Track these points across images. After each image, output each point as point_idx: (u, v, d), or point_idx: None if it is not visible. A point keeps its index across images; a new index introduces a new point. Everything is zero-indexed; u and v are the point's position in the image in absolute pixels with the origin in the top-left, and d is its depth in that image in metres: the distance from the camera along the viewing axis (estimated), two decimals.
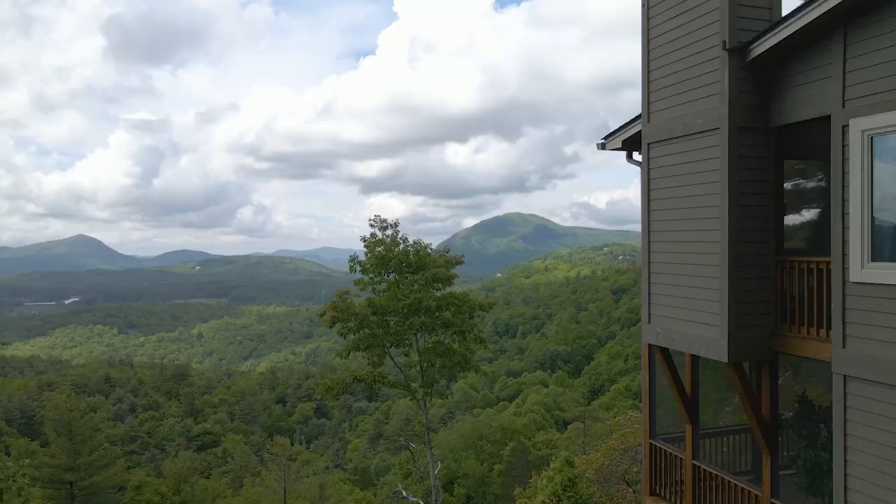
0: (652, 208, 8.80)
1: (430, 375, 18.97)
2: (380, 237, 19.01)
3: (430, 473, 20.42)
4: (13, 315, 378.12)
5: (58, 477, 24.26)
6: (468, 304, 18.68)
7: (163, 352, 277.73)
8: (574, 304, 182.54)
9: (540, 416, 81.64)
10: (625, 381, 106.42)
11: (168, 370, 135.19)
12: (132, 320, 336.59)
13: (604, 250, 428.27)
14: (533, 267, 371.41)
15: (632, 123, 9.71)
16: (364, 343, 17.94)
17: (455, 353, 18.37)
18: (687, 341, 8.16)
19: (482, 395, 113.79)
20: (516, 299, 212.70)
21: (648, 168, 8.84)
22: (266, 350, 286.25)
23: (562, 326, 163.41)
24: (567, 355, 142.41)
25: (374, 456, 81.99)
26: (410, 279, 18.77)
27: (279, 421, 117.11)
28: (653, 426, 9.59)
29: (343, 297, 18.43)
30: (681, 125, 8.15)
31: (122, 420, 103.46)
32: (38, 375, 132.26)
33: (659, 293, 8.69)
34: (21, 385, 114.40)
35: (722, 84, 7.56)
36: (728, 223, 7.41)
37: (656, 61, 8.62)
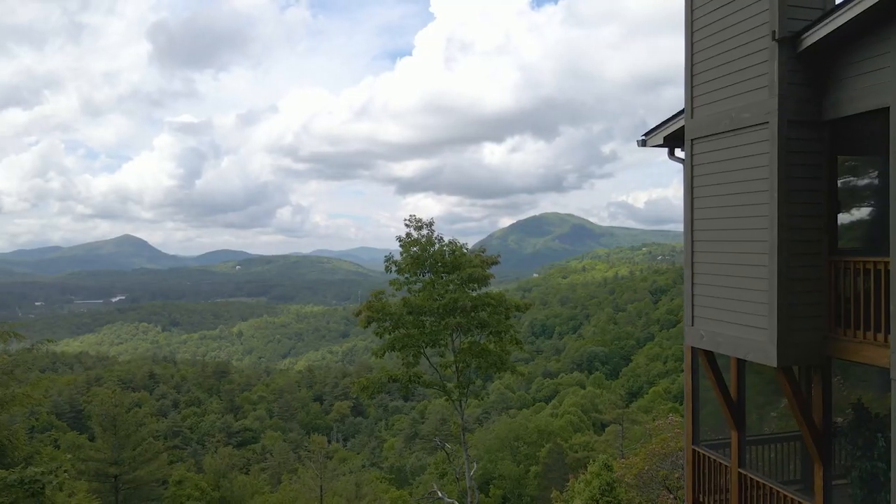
0: (696, 206, 8.48)
1: (466, 376, 18.80)
2: (415, 237, 18.94)
3: (465, 474, 20.26)
4: (64, 312, 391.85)
5: (103, 470, 24.98)
6: (504, 304, 18.46)
7: (204, 349, 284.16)
8: (612, 304, 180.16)
9: (577, 417, 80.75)
10: (664, 384, 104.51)
11: (209, 367, 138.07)
12: (175, 318, 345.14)
13: (642, 250, 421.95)
14: (570, 267, 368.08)
15: (674, 119, 9.39)
16: (399, 343, 17.89)
17: (491, 353, 18.17)
18: (733, 345, 7.83)
19: (518, 396, 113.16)
20: (553, 300, 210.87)
21: (692, 165, 8.52)
22: (304, 348, 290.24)
23: (599, 327, 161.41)
24: (604, 356, 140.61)
25: (410, 455, 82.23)
26: (446, 279, 18.65)
27: (316, 419, 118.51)
28: (696, 432, 9.26)
29: (378, 296, 18.40)
30: (727, 120, 7.83)
31: (166, 415, 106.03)
32: (87, 371, 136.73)
33: (703, 294, 8.36)
34: (70, 380, 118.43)
35: (771, 76, 7.22)
36: (777, 221, 7.06)
37: (701, 54, 8.30)
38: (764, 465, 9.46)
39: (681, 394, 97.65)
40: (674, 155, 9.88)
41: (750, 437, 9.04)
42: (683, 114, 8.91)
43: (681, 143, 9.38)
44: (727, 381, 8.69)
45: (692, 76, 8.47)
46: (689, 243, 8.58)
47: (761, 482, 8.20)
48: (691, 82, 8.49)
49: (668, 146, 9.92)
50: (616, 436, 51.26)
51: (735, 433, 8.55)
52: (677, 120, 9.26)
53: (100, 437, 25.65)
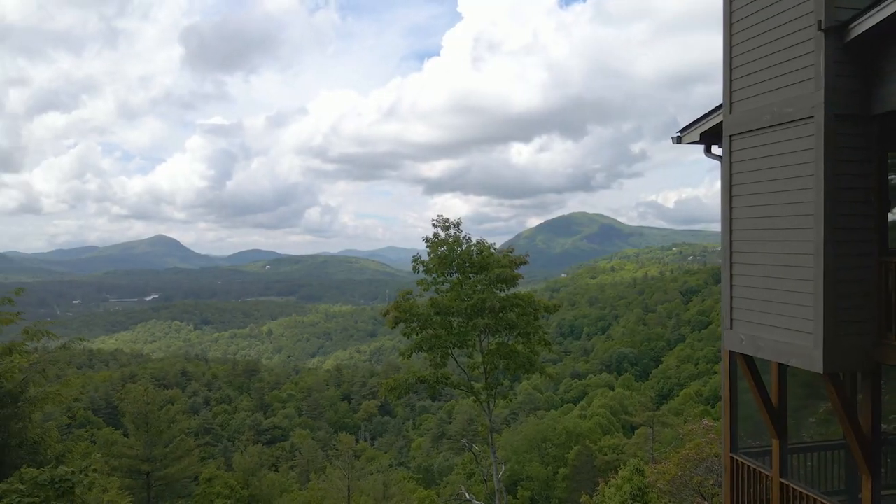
0: (735, 205, 8.14)
1: (494, 377, 18.58)
2: (442, 237, 18.75)
3: (493, 476, 20.06)
4: (100, 311, 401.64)
5: (135, 467, 25.41)
6: (533, 305, 18.17)
7: (235, 348, 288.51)
8: (641, 305, 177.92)
9: (606, 419, 79.88)
10: (695, 386, 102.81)
11: (240, 365, 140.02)
12: (207, 317, 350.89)
13: (672, 250, 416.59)
14: (598, 267, 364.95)
15: (711, 115, 9.05)
16: (427, 344, 17.74)
17: (520, 355, 17.91)
18: (775, 349, 7.48)
19: (546, 397, 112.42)
20: (581, 300, 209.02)
21: (731, 162, 8.19)
22: (332, 348, 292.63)
23: (628, 328, 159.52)
24: (634, 358, 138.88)
25: (438, 455, 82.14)
26: (473, 279, 18.44)
27: (345, 417, 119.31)
28: (734, 439, 8.91)
29: (406, 297, 18.27)
30: (768, 114, 7.49)
31: (197, 412, 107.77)
32: (122, 368, 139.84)
33: (743, 296, 8.03)
34: (106, 377, 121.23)
35: (817, 68, 6.87)
36: (823, 219, 6.71)
37: (740, 46, 7.96)
38: (806, 475, 9.08)
39: (713, 397, 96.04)
40: (710, 152, 9.54)
41: (791, 445, 8.68)
42: (721, 109, 8.58)
43: (718, 140, 9.04)
44: (767, 386, 8.35)
45: (731, 70, 8.14)
46: (727, 243, 8.25)
47: (804, 492, 7.85)
48: (730, 76, 8.16)
49: (704, 143, 9.57)
50: (646, 439, 50.55)
51: (776, 441, 8.20)
52: (715, 115, 8.92)
53: (132, 434, 26.10)
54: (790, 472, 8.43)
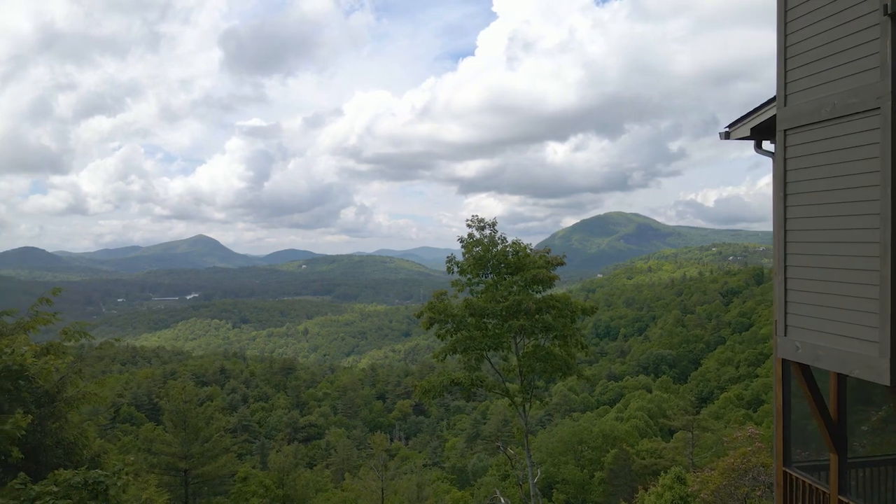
0: (789, 203, 7.63)
1: (530, 380, 18.18)
2: (477, 237, 18.42)
3: (529, 480, 19.68)
4: (143, 309, 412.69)
5: (173, 464, 25.77)
6: (570, 307, 17.67)
7: (272, 346, 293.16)
8: (679, 306, 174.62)
9: (643, 422, 78.47)
10: (736, 389, 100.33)
11: (276, 364, 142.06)
12: (245, 315, 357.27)
13: (712, 250, 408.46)
14: (635, 267, 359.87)
15: (763, 108, 8.55)
16: (461, 345, 17.44)
17: (556, 357, 17.47)
18: (835, 359, 6.97)
19: (582, 399, 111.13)
20: (618, 300, 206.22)
21: (785, 158, 7.68)
22: (367, 347, 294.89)
23: (666, 329, 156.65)
24: (672, 360, 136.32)
25: (472, 455, 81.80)
26: (509, 280, 18.07)
27: (379, 416, 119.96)
28: (787, 452, 8.40)
29: (440, 297, 17.99)
30: (828, 107, 6.99)
31: (235, 410, 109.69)
32: (163, 365, 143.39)
33: (799, 301, 7.51)
34: (148, 374, 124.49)
35: (883, 56, 6.35)
36: (891, 219, 6.19)
37: (797, 34, 7.44)
38: (865, 491, 8.52)
39: (754, 400, 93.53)
40: (761, 148, 9.02)
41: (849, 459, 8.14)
42: (774, 102, 8.08)
43: (770, 135, 8.54)
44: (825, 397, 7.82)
45: (785, 60, 7.63)
46: (781, 244, 7.75)
47: None
48: (784, 66, 7.65)
49: (754, 139, 9.05)
50: (686, 443, 49.30)
51: (834, 456, 7.67)
52: (767, 109, 8.41)
53: (170, 431, 26.49)
54: (850, 488, 7.91)
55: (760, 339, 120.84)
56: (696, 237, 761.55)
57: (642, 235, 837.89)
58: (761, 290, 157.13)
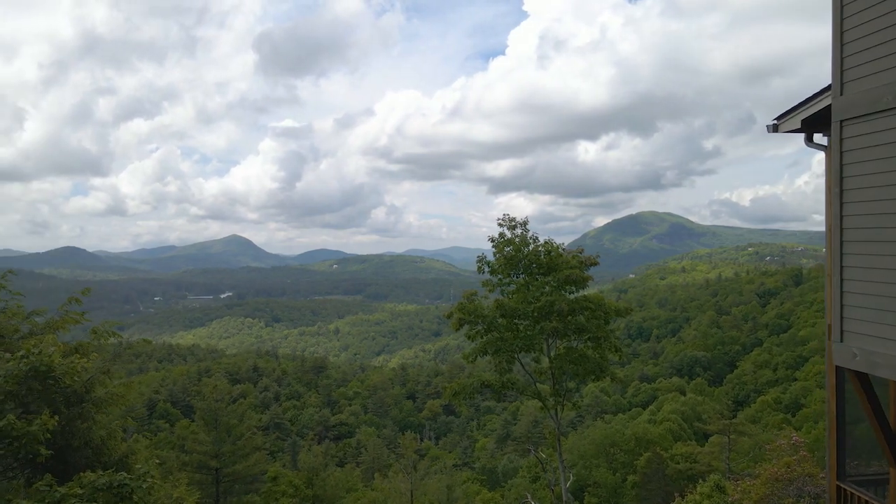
0: (846, 200, 7.12)
1: (562, 383, 17.73)
2: (508, 237, 18.04)
3: (561, 485, 19.26)
4: (179, 307, 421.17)
5: (205, 463, 26.00)
6: (603, 308, 17.18)
7: (303, 344, 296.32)
8: (714, 307, 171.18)
9: (677, 425, 76.95)
10: (773, 393, 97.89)
11: (308, 362, 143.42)
12: (277, 314, 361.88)
13: (748, 250, 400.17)
14: (668, 267, 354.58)
15: (816, 98, 8.02)
16: (492, 347, 17.10)
17: (589, 360, 16.99)
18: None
19: (613, 400, 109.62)
20: (650, 301, 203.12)
21: (841, 151, 7.17)
22: (397, 346, 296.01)
23: (701, 331, 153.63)
24: (707, 362, 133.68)
25: (502, 457, 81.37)
26: (541, 281, 17.66)
27: (409, 416, 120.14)
28: (842, 466, 7.88)
29: (470, 298, 17.66)
30: (889, 95, 6.48)
31: (268, 407, 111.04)
32: (198, 363, 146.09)
33: (856, 305, 6.99)
34: (184, 371, 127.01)
35: None
36: None
37: (853, 18, 6.92)
38: None
39: (793, 404, 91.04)
40: (812, 141, 8.50)
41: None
42: (828, 92, 7.57)
43: (823, 127, 8.03)
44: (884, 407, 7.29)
45: (841, 46, 7.12)
46: (836, 243, 7.24)
47: None
48: (840, 53, 7.13)
49: (805, 131, 8.52)
50: (722, 448, 48.13)
51: (894, 470, 7.15)
52: (821, 99, 7.90)
53: (202, 430, 26.75)
54: None
55: (799, 342, 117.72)
56: (731, 237, 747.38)
57: (676, 235, 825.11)
58: (800, 291, 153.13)
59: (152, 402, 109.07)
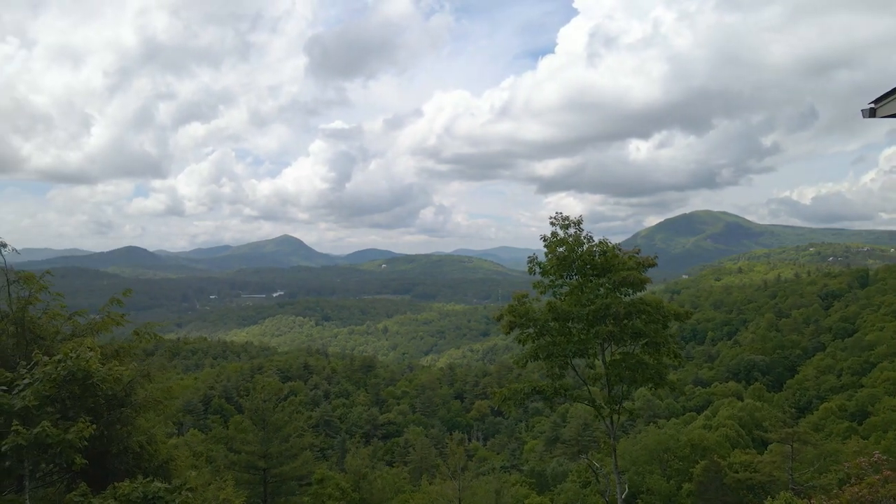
0: None
1: (618, 390, 16.87)
2: (561, 236, 17.27)
3: (616, 495, 18.43)
4: (233, 305, 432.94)
5: (252, 463, 26.13)
6: (662, 312, 16.26)
7: (353, 343, 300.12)
8: (773, 309, 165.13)
9: (734, 431, 74.24)
10: (838, 400, 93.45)
11: (357, 361, 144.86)
12: (327, 313, 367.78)
13: (809, 251, 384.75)
14: (724, 268, 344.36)
15: None
16: (544, 351, 16.40)
17: (647, 366, 16.11)
18: None
19: (666, 404, 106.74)
20: (705, 303, 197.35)
21: None
22: (445, 346, 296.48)
23: (759, 334, 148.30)
24: (765, 366, 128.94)
25: (551, 459, 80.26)
26: (595, 282, 16.87)
27: (457, 416, 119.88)
28: None
29: (521, 300, 16.99)
30: None
31: (318, 405, 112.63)
32: (251, 360, 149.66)
33: None
34: (237, 367, 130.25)
35: None
36: None
37: None
38: None
39: (859, 412, 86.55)
40: None
41: None
42: None
43: None
44: None
45: None
46: None
47: None
48: None
49: None
50: (785, 457, 45.88)
51: None
52: None
53: (250, 430, 26.91)
54: None
55: (866, 347, 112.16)
56: (791, 237, 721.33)
57: (731, 235, 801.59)
58: (866, 293, 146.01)
59: (207, 397, 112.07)
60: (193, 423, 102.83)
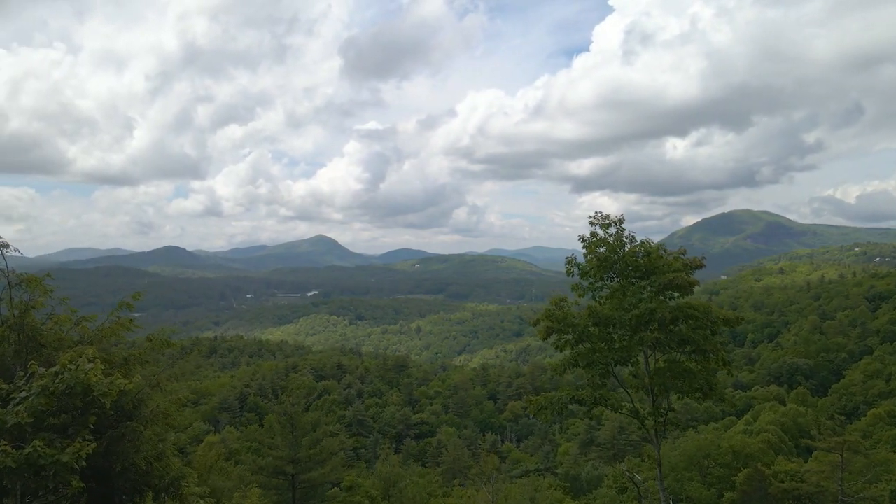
0: None
1: (662, 400, 15.80)
2: (601, 236, 16.30)
3: None
4: (269, 305, 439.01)
5: (281, 468, 25.69)
6: (710, 317, 15.11)
7: (386, 343, 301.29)
8: (817, 311, 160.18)
9: (776, 437, 71.75)
10: (887, 406, 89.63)
11: (390, 361, 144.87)
12: (361, 312, 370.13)
13: (854, 251, 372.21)
14: (764, 268, 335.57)
15: None
16: (584, 359, 15.42)
17: (696, 376, 14.99)
18: None
19: (704, 408, 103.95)
20: (744, 304, 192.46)
21: None
22: (478, 346, 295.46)
23: (801, 336, 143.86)
24: (808, 370, 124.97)
25: (586, 463, 78.70)
26: (638, 285, 15.82)
27: (490, 417, 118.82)
28: None
29: (559, 304, 16.02)
30: None
31: (351, 404, 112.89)
32: (286, 359, 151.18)
33: None
34: (272, 366, 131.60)
35: None
36: None
37: None
38: None
39: None
40: None
41: None
42: None
43: None
44: None
45: None
46: None
47: None
48: None
49: None
50: (834, 467, 43.80)
51: None
52: None
53: (279, 434, 26.48)
54: None
55: None
56: (835, 236, 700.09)
57: (772, 234, 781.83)
58: None
59: (243, 395, 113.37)
60: (229, 420, 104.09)
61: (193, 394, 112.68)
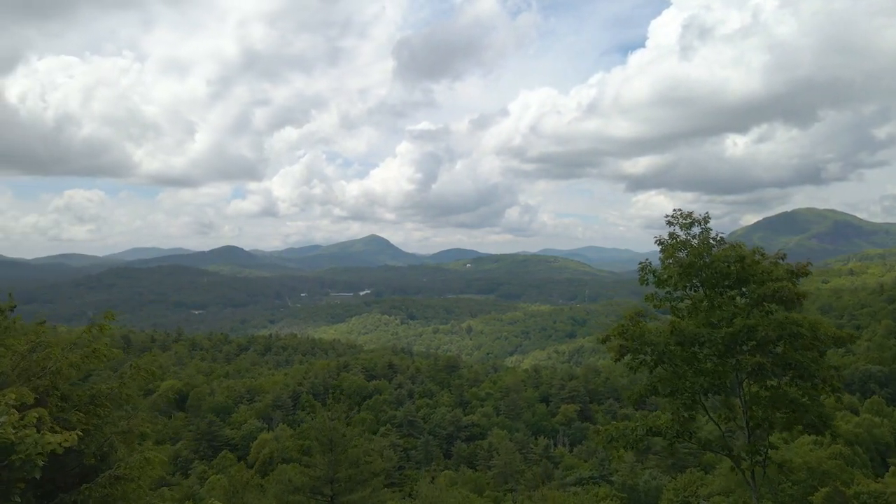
0: None
1: (761, 435, 13.20)
2: (682, 238, 13.86)
3: None
4: (322, 304, 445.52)
5: (318, 489, 24.12)
6: (819, 336, 12.42)
7: (437, 342, 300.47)
8: (892, 315, 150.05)
9: (849, 450, 66.64)
10: None
11: (441, 361, 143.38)
12: (412, 312, 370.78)
13: None
14: (832, 270, 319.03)
15: None
16: (666, 386, 12.98)
17: (807, 408, 12.28)
18: None
19: None
20: (811, 307, 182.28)
21: None
22: (530, 347, 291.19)
23: (875, 342, 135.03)
24: (884, 378, 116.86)
25: (643, 472, 75.16)
26: (727, 296, 13.29)
27: (542, 420, 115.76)
28: None
29: (634, 319, 13.51)
30: None
31: (402, 405, 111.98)
32: (338, 357, 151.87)
33: None
34: (325, 365, 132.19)
35: None
36: None
37: None
38: None
39: None
40: None
41: None
42: None
43: None
44: None
45: None
46: None
47: None
48: None
49: None
50: None
51: None
52: None
53: (317, 452, 24.89)
54: None
55: None
56: None
57: (840, 234, 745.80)
58: None
59: (296, 393, 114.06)
60: (282, 418, 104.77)
61: (248, 391, 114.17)
